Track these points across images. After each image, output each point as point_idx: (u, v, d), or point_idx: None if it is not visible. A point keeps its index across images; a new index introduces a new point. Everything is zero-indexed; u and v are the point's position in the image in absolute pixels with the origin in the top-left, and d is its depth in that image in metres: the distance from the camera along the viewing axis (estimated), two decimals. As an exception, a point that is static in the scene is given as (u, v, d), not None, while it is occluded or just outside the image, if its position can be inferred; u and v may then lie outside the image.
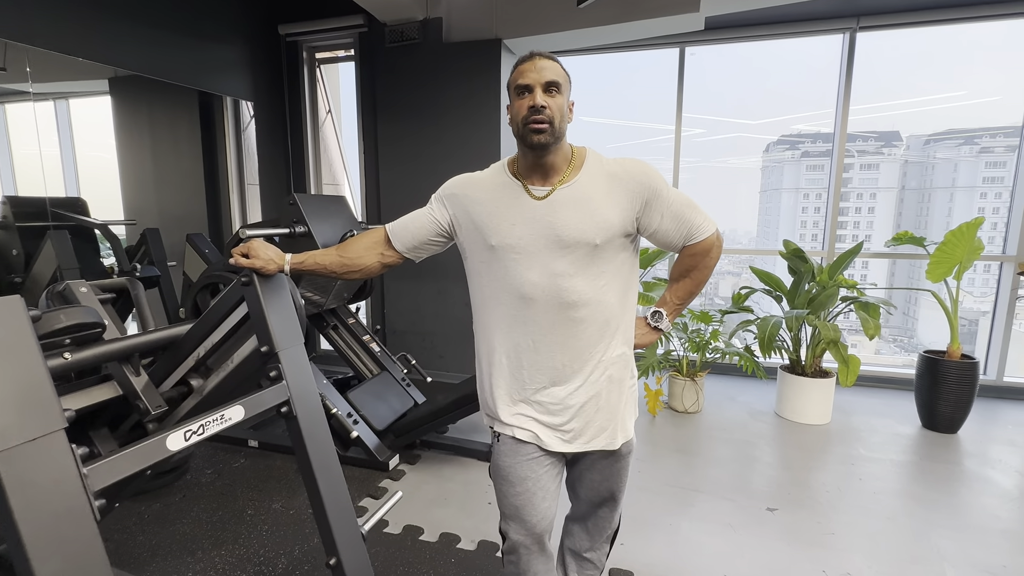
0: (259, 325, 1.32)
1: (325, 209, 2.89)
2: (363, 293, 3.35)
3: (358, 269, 1.35)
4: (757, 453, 2.95)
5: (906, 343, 6.21)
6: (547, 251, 1.17)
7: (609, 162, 1.22)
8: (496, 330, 1.26)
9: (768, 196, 7.41)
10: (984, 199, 6.49)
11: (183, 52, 3.52)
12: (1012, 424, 3.32)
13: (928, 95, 5.69)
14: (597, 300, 1.19)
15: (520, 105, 1.15)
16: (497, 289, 1.23)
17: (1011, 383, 3.77)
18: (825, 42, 3.91)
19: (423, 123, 3.80)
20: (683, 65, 4.08)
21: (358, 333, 3.25)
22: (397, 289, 4.09)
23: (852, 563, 2.01)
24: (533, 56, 1.16)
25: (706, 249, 1.26)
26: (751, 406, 3.62)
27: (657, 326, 1.35)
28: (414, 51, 3.72)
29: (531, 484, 1.25)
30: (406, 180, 3.90)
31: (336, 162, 4.66)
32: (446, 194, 1.31)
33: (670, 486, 2.59)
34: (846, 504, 2.42)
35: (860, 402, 3.67)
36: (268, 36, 4.13)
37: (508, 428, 1.26)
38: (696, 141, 4.53)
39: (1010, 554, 2.07)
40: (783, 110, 6.02)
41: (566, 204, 1.17)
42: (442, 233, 1.32)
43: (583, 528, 1.46)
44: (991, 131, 6.22)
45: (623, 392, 1.26)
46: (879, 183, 6.87)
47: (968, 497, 2.49)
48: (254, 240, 1.32)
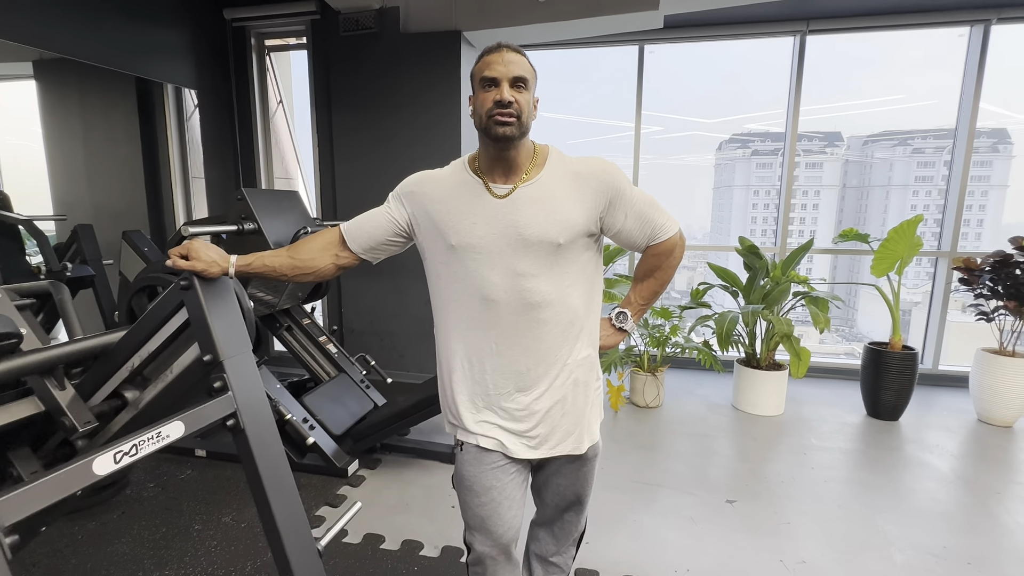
0: (201, 332, 1.22)
1: (276, 205, 2.75)
2: (318, 293, 3.21)
3: (311, 272, 1.27)
4: (716, 446, 3.01)
5: (847, 332, 6.55)
6: (509, 251, 1.13)
7: (572, 160, 1.19)
8: (457, 333, 1.21)
9: (721, 193, 7.62)
10: (916, 196, 6.90)
11: (117, 34, 3.27)
12: (947, 410, 3.53)
13: (868, 98, 5.97)
14: (561, 301, 1.16)
15: (485, 98, 1.11)
16: (458, 291, 1.18)
17: (946, 371, 4.01)
18: (777, 44, 4.02)
19: (380, 115, 3.68)
20: (642, 62, 4.11)
21: (313, 334, 3.12)
22: (354, 288, 3.96)
23: (807, 551, 2.08)
24: (501, 48, 1.12)
25: (669, 249, 1.25)
26: (709, 399, 3.70)
27: (622, 327, 1.33)
28: (370, 41, 3.59)
29: (496, 493, 1.21)
30: (363, 174, 3.77)
31: (289, 155, 4.47)
32: (404, 192, 1.24)
33: (633, 482, 2.61)
34: (799, 493, 2.50)
35: (811, 393, 3.82)
36: (212, 20, 3.89)
37: (472, 436, 1.22)
38: (654, 138, 4.58)
39: (949, 535, 2.19)
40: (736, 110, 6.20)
41: (528, 202, 1.14)
42: (400, 233, 1.25)
43: (549, 532, 1.44)
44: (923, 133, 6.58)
45: (589, 395, 1.24)
46: (823, 181, 7.18)
47: (910, 482, 2.62)
48: (194, 240, 1.22)
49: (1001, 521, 2.30)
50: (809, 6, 3.62)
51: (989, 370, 3.26)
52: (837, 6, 3.61)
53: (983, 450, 2.98)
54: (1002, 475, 2.70)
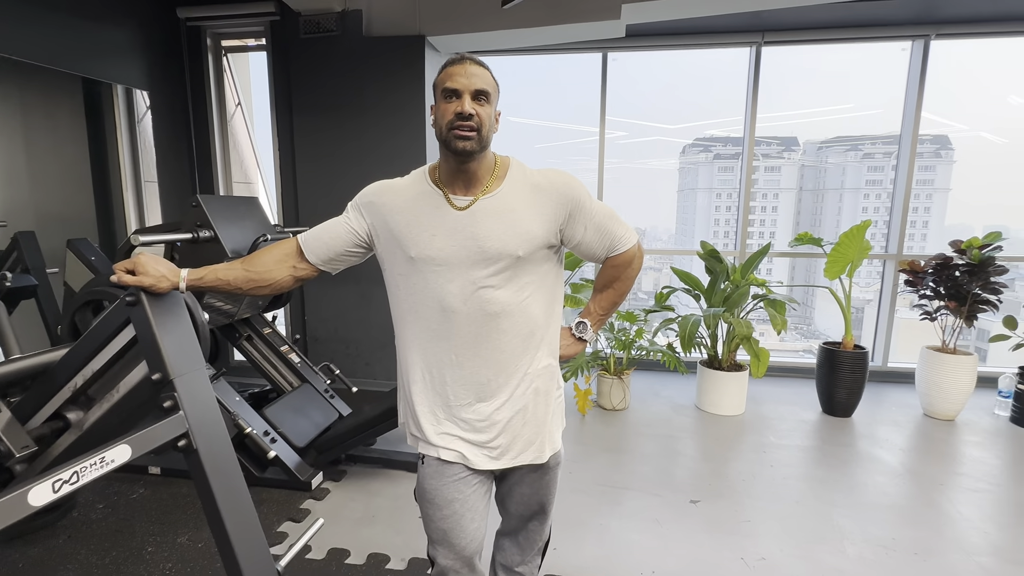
0: (149, 349, 1.17)
1: (234, 211, 2.67)
2: (280, 301, 3.14)
3: (267, 284, 1.24)
4: (680, 447, 3.08)
5: (805, 330, 6.82)
6: (469, 263, 1.13)
7: (533, 172, 1.20)
8: (417, 345, 1.20)
9: (685, 195, 7.79)
10: (867, 199, 7.23)
11: (62, 33, 3.11)
12: (896, 406, 3.71)
13: (822, 106, 6.23)
14: (521, 311, 1.16)
15: (446, 109, 1.10)
16: (417, 302, 1.18)
17: (894, 368, 4.21)
18: (734, 54, 4.15)
19: (343, 119, 3.62)
20: (606, 69, 4.17)
21: (275, 344, 3.04)
22: (318, 295, 3.88)
23: (766, 548, 2.14)
24: (464, 60, 1.11)
25: (628, 260, 1.27)
26: (674, 400, 3.78)
27: (582, 337, 1.35)
28: (332, 44, 3.53)
29: (459, 506, 1.20)
30: (325, 180, 3.70)
31: (248, 159, 4.34)
32: (363, 202, 1.23)
33: (600, 485, 2.63)
34: (759, 491, 2.58)
35: (770, 392, 3.95)
36: (164, 19, 3.75)
37: (433, 449, 1.21)
38: (619, 143, 4.66)
39: (898, 527, 2.29)
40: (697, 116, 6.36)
41: (488, 215, 1.14)
42: (360, 244, 1.24)
43: (514, 542, 1.44)
44: (872, 139, 6.91)
45: (550, 404, 1.25)
46: (781, 184, 7.45)
47: (863, 476, 2.74)
48: (142, 254, 1.17)
49: (944, 511, 2.43)
50: (763, 19, 3.75)
51: (933, 367, 3.44)
52: (790, 20, 3.75)
53: (928, 443, 3.14)
54: (945, 467, 2.85)
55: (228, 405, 2.50)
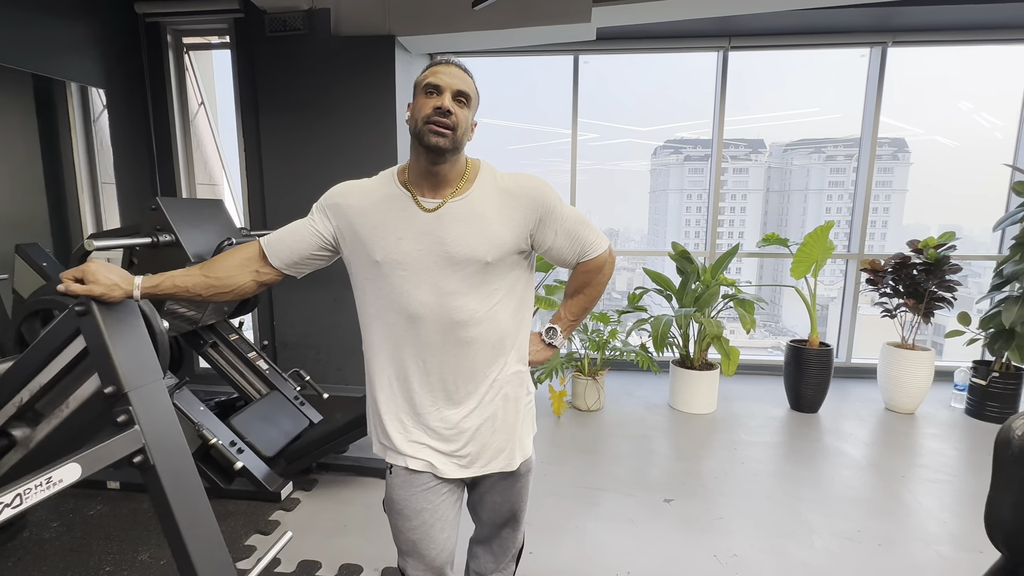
0: (101, 361, 1.11)
1: (197, 214, 2.58)
2: (246, 307, 3.04)
3: (228, 290, 1.19)
4: (654, 446, 3.11)
5: (774, 328, 7.01)
6: (436, 268, 1.11)
7: (503, 177, 1.18)
8: (384, 351, 1.17)
9: (657, 197, 7.91)
10: (830, 200, 7.47)
11: (9, 27, 2.96)
12: (859, 401, 3.83)
13: (787, 109, 6.41)
14: (489, 319, 1.15)
15: (425, 103, 1.08)
16: (383, 307, 1.15)
17: (857, 364, 4.35)
18: (703, 58, 4.23)
19: (311, 120, 3.54)
20: (577, 72, 4.20)
21: (242, 350, 2.95)
22: (287, 299, 3.79)
23: (738, 544, 2.18)
24: (450, 62, 1.11)
25: (599, 266, 1.27)
26: (648, 400, 3.82)
27: (551, 343, 1.34)
28: (299, 42, 3.46)
29: (428, 516, 1.18)
30: (293, 181, 3.61)
31: (213, 160, 4.21)
32: (328, 204, 1.19)
33: (576, 487, 2.64)
34: (731, 488, 2.63)
35: (740, 389, 4.03)
36: (121, 14, 3.61)
37: (401, 458, 1.18)
38: (591, 145, 4.69)
39: (863, 519, 2.36)
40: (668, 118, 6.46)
41: (457, 218, 1.12)
42: (325, 247, 1.20)
43: (487, 550, 1.42)
44: (834, 142, 7.14)
45: (520, 411, 1.23)
46: (749, 185, 7.63)
47: (829, 470, 2.81)
48: (92, 261, 1.11)
49: (906, 503, 2.51)
50: (730, 25, 3.83)
51: (893, 362, 3.56)
52: (755, 26, 3.84)
53: (889, 437, 3.25)
54: (906, 459, 2.95)
55: (192, 415, 2.41)
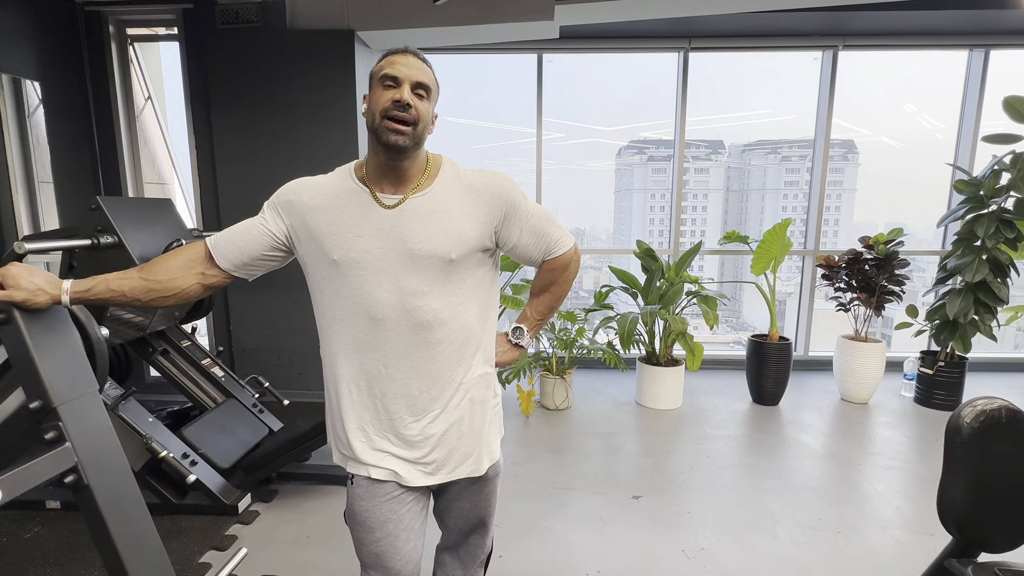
0: (25, 374, 1.02)
1: (143, 215, 2.44)
2: (199, 311, 2.90)
3: (170, 293, 1.11)
4: (622, 443, 3.12)
5: (735, 323, 7.22)
6: (397, 266, 1.06)
7: (466, 173, 1.14)
8: (344, 355, 1.12)
9: (621, 196, 8.01)
10: (786, 199, 7.74)
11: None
12: (817, 392, 3.96)
13: (745, 110, 6.59)
14: (455, 319, 1.11)
15: (382, 95, 1.03)
16: (342, 309, 1.09)
17: (814, 357, 4.50)
18: (664, 59, 4.29)
19: (268, 116, 3.41)
20: (541, 71, 4.19)
21: (195, 357, 2.81)
22: (244, 303, 3.64)
23: (704, 538, 2.20)
24: (408, 51, 1.05)
25: (564, 264, 1.25)
26: (615, 397, 3.85)
27: (518, 343, 1.31)
28: (254, 35, 3.32)
29: (392, 527, 1.13)
30: (249, 179, 3.47)
31: (162, 158, 4.01)
32: (281, 201, 1.12)
33: (545, 487, 2.62)
34: (697, 482, 2.66)
35: (704, 384, 4.10)
36: (57, 3, 3.39)
37: (363, 468, 1.13)
38: (556, 145, 4.70)
39: (823, 508, 2.43)
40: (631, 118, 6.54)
41: (418, 215, 1.07)
42: (278, 247, 1.14)
43: (456, 557, 1.38)
44: (789, 143, 7.38)
45: (487, 413, 1.20)
46: (710, 185, 7.82)
47: (790, 461, 2.89)
48: (12, 265, 1.01)
49: (862, 490, 2.60)
50: (690, 26, 3.89)
51: (847, 354, 3.70)
52: (714, 28, 3.91)
53: (846, 426, 3.37)
54: (861, 448, 3.06)
55: (140, 428, 2.27)
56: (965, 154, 4.26)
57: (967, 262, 3.42)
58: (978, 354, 4.23)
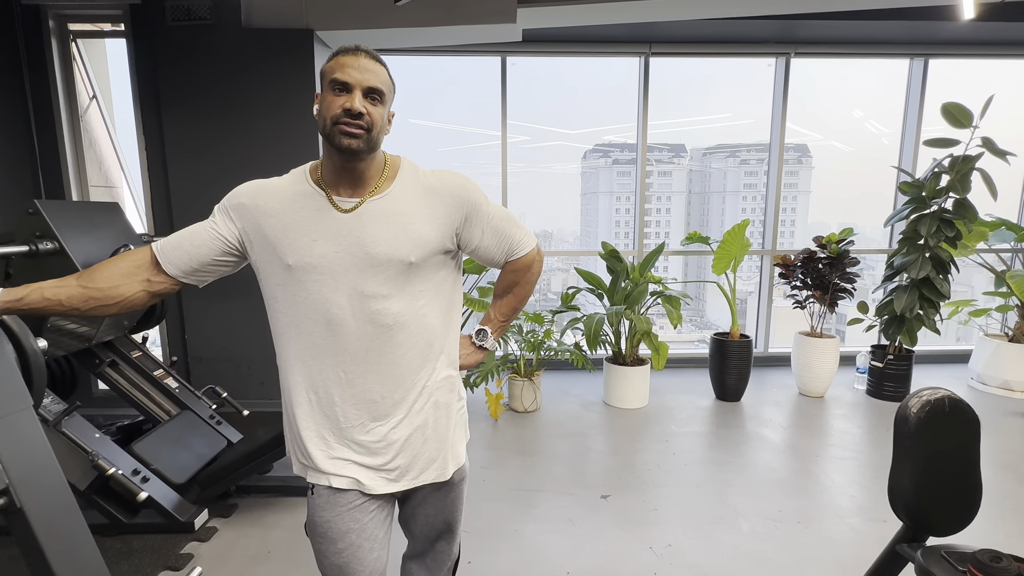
0: (-51, 391, 0.95)
1: (86, 219, 2.32)
2: (151, 319, 2.77)
3: (113, 302, 1.05)
4: (590, 443, 3.14)
5: (699, 322, 7.40)
6: (356, 270, 1.03)
7: (426, 174, 1.12)
8: (301, 363, 1.08)
9: (588, 199, 8.11)
10: (745, 201, 7.99)
11: None
12: (777, 387, 4.09)
13: (705, 115, 6.77)
14: (416, 322, 1.09)
15: (333, 102, 0.99)
16: (298, 315, 1.06)
17: (774, 353, 4.65)
18: (627, 63, 4.36)
19: (223, 117, 3.29)
20: (505, 73, 4.20)
21: (147, 368, 2.68)
22: (200, 310, 3.50)
23: (672, 534, 2.24)
24: (359, 51, 1.01)
25: (527, 264, 1.25)
26: (583, 398, 3.87)
27: (482, 345, 1.30)
28: (206, 33, 3.21)
29: (355, 537, 1.10)
30: (204, 183, 3.34)
31: (109, 160, 3.82)
32: (232, 204, 1.08)
33: (514, 490, 2.61)
34: (664, 479, 2.70)
35: (669, 383, 4.18)
36: (-9, -5, 3.19)
37: (323, 477, 1.09)
38: (523, 148, 4.71)
39: (783, 499, 2.50)
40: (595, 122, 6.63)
41: (377, 218, 1.05)
42: (230, 251, 1.09)
43: (422, 565, 1.35)
44: (748, 147, 7.63)
45: (451, 417, 1.18)
46: (672, 187, 8.00)
47: (751, 455, 2.97)
48: (-68, 273, 0.94)
49: (819, 481, 2.69)
50: (651, 31, 3.97)
51: (804, 350, 3.83)
52: (673, 33, 4.00)
53: (803, 419, 3.49)
54: (818, 440, 3.17)
55: (85, 444, 2.15)
56: (908, 157, 4.49)
57: (912, 260, 3.60)
58: (923, 347, 4.46)
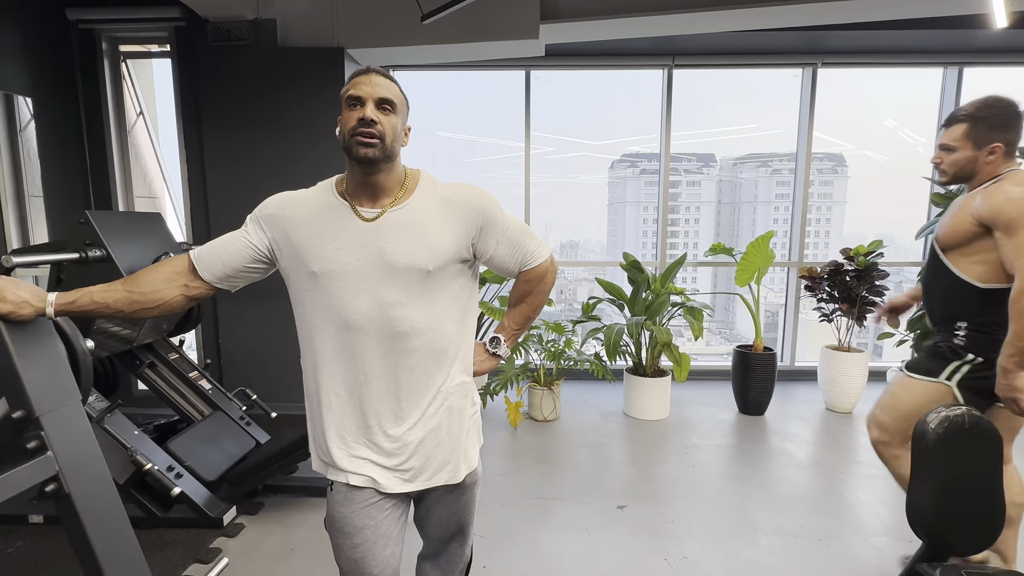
0: (8, 384, 1.04)
1: (131, 229, 2.47)
2: (188, 323, 2.92)
3: (154, 305, 1.14)
4: (609, 453, 3.14)
5: (728, 335, 7.28)
6: (376, 278, 1.10)
7: (444, 187, 1.19)
8: (324, 364, 1.15)
9: (615, 209, 8.10)
10: (777, 211, 7.85)
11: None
12: (802, 402, 4.00)
13: (733, 125, 6.73)
14: (433, 329, 1.14)
15: (349, 116, 1.08)
16: (322, 319, 1.13)
17: (800, 367, 4.55)
18: (650, 75, 4.39)
19: (259, 132, 3.46)
20: (529, 87, 4.27)
21: (182, 370, 2.82)
22: (233, 315, 3.65)
23: (688, 547, 2.22)
24: (369, 71, 1.11)
25: (540, 275, 1.29)
26: (603, 408, 3.87)
27: (496, 352, 1.35)
28: (245, 53, 3.38)
29: (370, 533, 1.15)
30: (240, 194, 3.50)
31: (153, 173, 4.04)
32: (263, 215, 1.17)
33: (531, 498, 2.63)
34: (683, 491, 2.68)
35: (692, 395, 4.14)
36: (51, 20, 3.44)
37: (342, 474, 1.15)
38: (548, 158, 4.77)
39: (805, 516, 2.46)
40: (621, 132, 6.65)
41: (396, 228, 1.11)
42: (260, 259, 1.17)
43: (435, 565, 1.40)
44: (779, 156, 7.52)
45: (464, 422, 1.22)
46: (702, 198, 7.92)
47: (774, 470, 2.92)
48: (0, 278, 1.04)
49: (844, 498, 2.63)
50: (673, 44, 3.99)
51: (831, 364, 3.75)
52: (697, 46, 4.02)
53: (830, 436, 3.41)
54: (845, 456, 3.10)
55: (125, 440, 2.28)
56: (943, 168, 4.36)
57: (945, 273, 3.49)
58: (960, 363, 4.29)
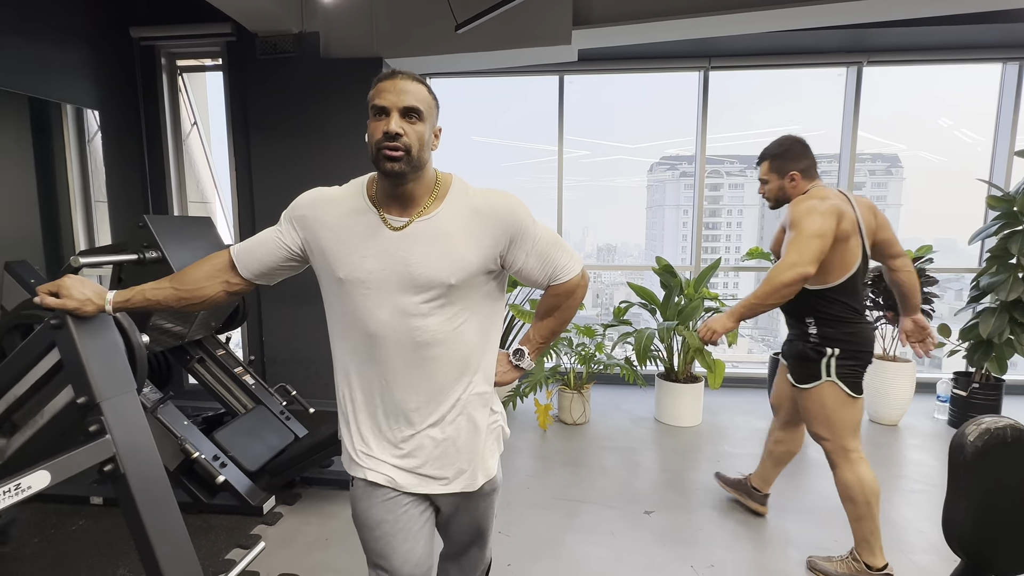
0: (75, 373, 1.16)
1: (184, 232, 2.64)
2: (234, 321, 3.08)
3: (199, 300, 1.22)
4: (638, 459, 3.12)
5: (771, 342, 7.07)
6: (399, 288, 1.10)
7: (475, 194, 1.15)
8: (351, 366, 1.19)
9: (653, 212, 8.00)
10: (823, 214, 7.58)
11: (9, 52, 3.06)
12: (844, 412, 3.84)
13: (772, 126, 6.57)
14: (454, 339, 1.14)
15: (375, 127, 1.06)
16: (347, 324, 1.16)
17: (843, 376, 4.37)
18: (688, 77, 4.34)
19: (302, 139, 3.62)
20: (563, 91, 4.30)
21: (228, 365, 2.98)
22: (276, 314, 3.83)
23: (715, 555, 2.19)
24: (395, 75, 1.05)
25: (570, 290, 1.24)
26: (633, 413, 3.84)
27: (519, 364, 1.31)
28: (289, 64, 3.55)
29: (388, 527, 1.19)
30: (284, 199, 3.59)
31: (205, 179, 4.29)
32: (295, 215, 1.21)
33: (558, 500, 2.65)
34: (712, 500, 2.64)
35: (726, 402, 4.05)
36: (117, 39, 3.71)
37: (362, 471, 1.20)
38: (583, 162, 4.79)
39: (841, 530, 2.36)
40: (659, 135, 6.58)
41: (422, 239, 1.10)
42: (293, 257, 1.22)
43: (456, 566, 1.43)
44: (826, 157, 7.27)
45: (482, 432, 1.22)
46: (744, 200, 7.73)
47: (809, 482, 2.83)
48: (67, 277, 1.16)
49: (885, 513, 2.51)
50: (710, 46, 3.94)
51: (876, 374, 3.59)
52: (734, 47, 3.95)
53: (872, 448, 3.27)
54: (887, 470, 2.97)
55: (175, 430, 2.43)
56: (1001, 169, 4.13)
57: (1001, 280, 3.31)
58: (1017, 376, 4.05)
